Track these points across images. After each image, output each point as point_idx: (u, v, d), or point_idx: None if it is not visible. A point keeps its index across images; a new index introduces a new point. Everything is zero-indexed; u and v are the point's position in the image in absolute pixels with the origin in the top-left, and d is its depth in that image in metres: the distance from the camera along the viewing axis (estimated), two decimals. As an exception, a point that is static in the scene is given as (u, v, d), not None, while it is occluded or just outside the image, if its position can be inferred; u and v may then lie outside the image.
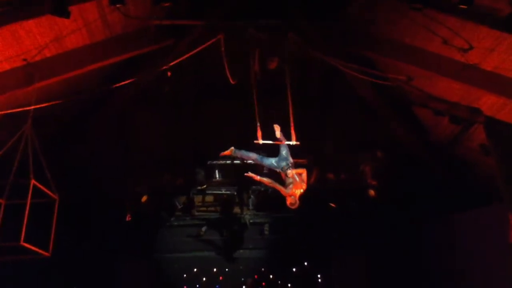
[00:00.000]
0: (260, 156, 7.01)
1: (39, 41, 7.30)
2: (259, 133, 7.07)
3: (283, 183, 6.78)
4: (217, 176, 11.55)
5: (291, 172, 6.67)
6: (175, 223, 13.23)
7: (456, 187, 10.54)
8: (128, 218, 11.22)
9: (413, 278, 11.09)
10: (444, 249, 10.53)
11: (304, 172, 6.75)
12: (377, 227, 12.22)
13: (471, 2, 6.65)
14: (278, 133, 7.06)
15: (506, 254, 7.80)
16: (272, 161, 6.93)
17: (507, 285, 8.56)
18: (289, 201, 6.70)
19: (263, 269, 14.53)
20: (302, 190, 6.72)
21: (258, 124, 7.13)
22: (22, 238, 6.69)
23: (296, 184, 6.64)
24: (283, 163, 6.80)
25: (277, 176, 7.02)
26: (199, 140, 11.59)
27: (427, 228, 11.15)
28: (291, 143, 6.97)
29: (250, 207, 12.82)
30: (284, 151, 6.97)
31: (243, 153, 7.08)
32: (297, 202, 6.72)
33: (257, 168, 8.76)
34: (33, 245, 7.07)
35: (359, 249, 12.90)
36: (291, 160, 6.83)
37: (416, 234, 11.44)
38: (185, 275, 14.00)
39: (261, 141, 7.04)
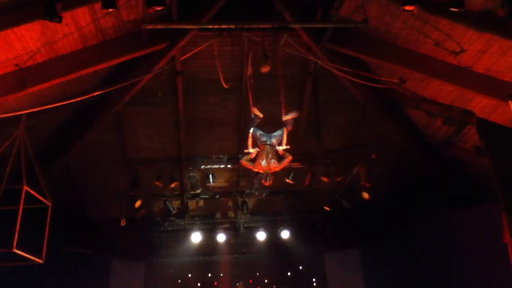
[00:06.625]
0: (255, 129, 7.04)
1: (31, 46, 7.26)
2: (250, 141, 7.00)
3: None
4: (211, 180, 11.51)
5: (265, 147, 6.77)
6: (169, 228, 13.20)
7: (450, 187, 10.60)
8: (123, 223, 11.17)
9: (407, 277, 11.12)
10: (438, 248, 10.58)
11: (288, 159, 6.82)
12: (370, 228, 12.25)
13: (462, 5, 6.68)
14: (290, 116, 7.08)
15: (499, 253, 7.83)
16: (260, 133, 6.96)
17: (501, 284, 8.60)
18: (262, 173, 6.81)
19: (257, 273, 14.53)
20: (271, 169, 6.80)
21: (250, 132, 7.01)
22: (14, 245, 6.62)
23: (262, 164, 6.71)
24: (264, 138, 6.86)
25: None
26: (193, 145, 11.57)
27: (421, 227, 11.20)
28: (281, 147, 6.94)
29: (245, 211, 12.78)
30: (276, 133, 6.98)
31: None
32: (269, 178, 6.75)
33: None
34: (26, 252, 7.00)
35: (354, 251, 12.93)
36: (273, 141, 6.83)
37: (410, 234, 11.48)
38: (179, 280, 13.99)
39: (250, 150, 6.97)
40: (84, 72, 8.34)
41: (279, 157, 6.80)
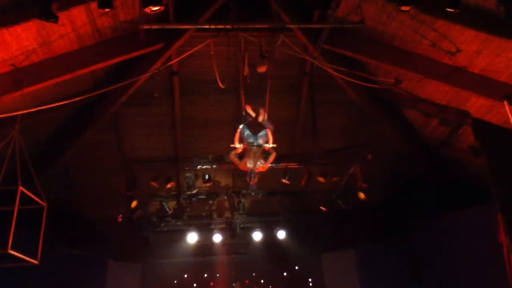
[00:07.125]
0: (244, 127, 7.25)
1: (27, 46, 7.23)
2: (237, 137, 7.12)
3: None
4: (207, 180, 11.48)
5: (252, 148, 7.02)
6: (165, 228, 13.15)
7: (447, 187, 10.62)
8: (119, 219, 11.12)
9: (405, 278, 11.13)
10: (436, 249, 10.60)
11: (272, 157, 7.05)
12: (368, 229, 12.25)
13: (458, 5, 6.70)
14: (261, 118, 7.14)
15: (498, 253, 7.85)
16: (247, 133, 7.17)
17: (498, 284, 8.61)
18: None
19: (254, 273, 14.52)
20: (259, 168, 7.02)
21: (239, 128, 7.21)
22: (9, 246, 6.59)
23: (248, 165, 6.91)
24: (251, 139, 7.08)
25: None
26: (189, 145, 11.55)
27: (418, 228, 11.21)
28: (268, 145, 7.07)
29: (241, 211, 12.77)
30: (262, 133, 7.15)
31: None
32: (254, 176, 6.94)
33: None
34: (22, 253, 6.97)
35: (350, 252, 12.93)
36: (260, 142, 7.04)
37: (407, 234, 11.49)
38: (175, 281, 13.95)
39: (237, 145, 7.11)
40: (80, 72, 8.31)
41: (266, 154, 6.94)
